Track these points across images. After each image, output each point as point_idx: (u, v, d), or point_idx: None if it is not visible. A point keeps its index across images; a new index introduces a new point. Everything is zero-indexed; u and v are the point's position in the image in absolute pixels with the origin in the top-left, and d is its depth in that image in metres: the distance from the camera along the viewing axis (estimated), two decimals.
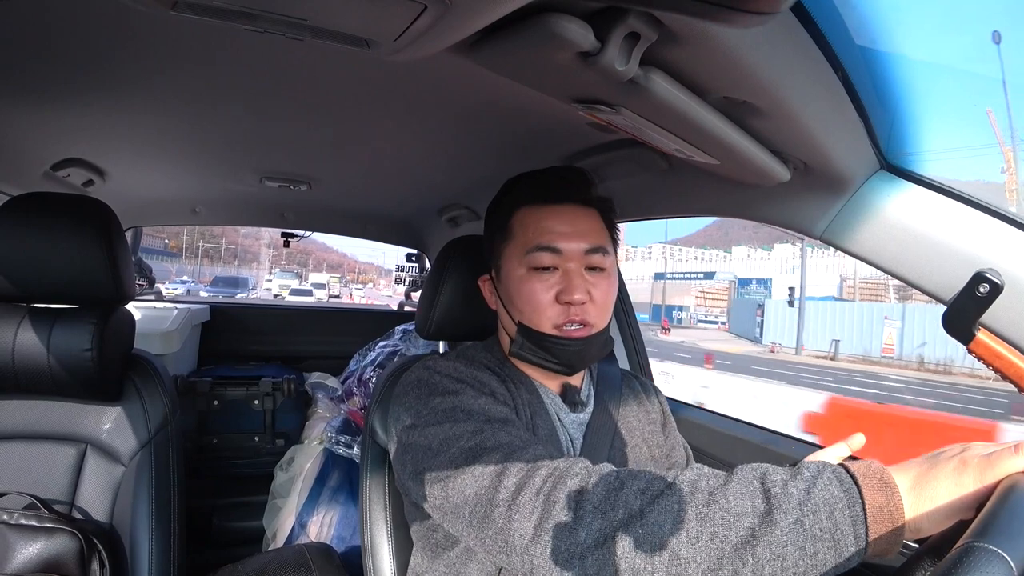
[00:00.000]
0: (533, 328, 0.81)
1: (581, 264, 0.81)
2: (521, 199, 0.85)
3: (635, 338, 1.65)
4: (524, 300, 0.81)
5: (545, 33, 0.50)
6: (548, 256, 0.80)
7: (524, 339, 0.82)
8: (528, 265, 0.81)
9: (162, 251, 62.23)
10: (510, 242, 0.84)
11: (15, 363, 0.95)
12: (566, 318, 0.79)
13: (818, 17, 0.57)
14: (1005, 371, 0.69)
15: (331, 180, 1.61)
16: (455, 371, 0.80)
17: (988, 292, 0.68)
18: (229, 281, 26.81)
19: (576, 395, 0.88)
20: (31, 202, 0.97)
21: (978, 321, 0.70)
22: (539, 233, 0.81)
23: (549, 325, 0.80)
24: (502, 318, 0.88)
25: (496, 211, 0.89)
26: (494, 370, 0.85)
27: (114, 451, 1.03)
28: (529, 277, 0.81)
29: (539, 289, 0.80)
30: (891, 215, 0.77)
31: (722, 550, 0.51)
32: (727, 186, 0.94)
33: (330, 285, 41.40)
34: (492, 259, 0.88)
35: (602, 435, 0.87)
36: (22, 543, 0.87)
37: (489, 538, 0.62)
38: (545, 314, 0.80)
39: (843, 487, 0.51)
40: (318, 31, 0.53)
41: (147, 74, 0.88)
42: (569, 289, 0.79)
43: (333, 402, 2.23)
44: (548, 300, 0.80)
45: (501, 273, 0.86)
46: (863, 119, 0.72)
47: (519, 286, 0.82)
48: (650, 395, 1.00)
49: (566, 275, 0.80)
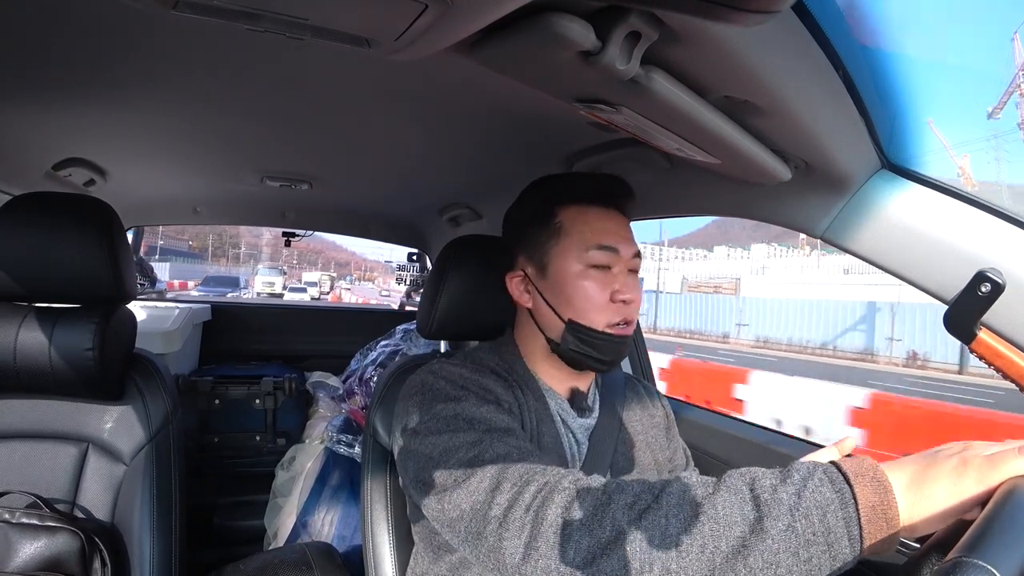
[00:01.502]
0: (585, 325, 0.81)
1: (627, 267, 0.84)
2: (569, 197, 0.86)
3: (637, 341, 1.65)
4: (581, 297, 0.82)
5: (546, 32, 0.50)
6: (607, 255, 0.82)
7: (573, 335, 0.82)
8: (587, 263, 0.82)
9: (186, 252, 63.04)
10: (563, 239, 0.84)
11: (17, 362, 0.95)
12: (620, 317, 0.82)
13: (819, 16, 0.57)
14: (1007, 370, 0.69)
15: (332, 180, 1.61)
16: (460, 377, 0.79)
17: (990, 291, 0.67)
18: (220, 280, 26.86)
19: (584, 400, 0.88)
20: (33, 202, 0.97)
21: (980, 320, 0.70)
22: (600, 233, 0.82)
23: (603, 323, 0.81)
24: (541, 316, 0.86)
25: (534, 207, 0.88)
26: (501, 374, 0.85)
27: (116, 450, 1.03)
28: (587, 275, 0.82)
29: (597, 287, 0.81)
30: (892, 214, 0.77)
31: (713, 562, 0.50)
32: (728, 185, 0.94)
33: (321, 283, 40.35)
34: (532, 255, 0.87)
35: (607, 440, 0.87)
36: (24, 542, 0.87)
37: (483, 554, 0.62)
38: (601, 312, 0.81)
39: (835, 487, 0.50)
40: (319, 31, 0.53)
41: (148, 74, 0.88)
42: (625, 289, 0.81)
43: (334, 401, 2.23)
44: (604, 299, 0.81)
45: (548, 270, 0.85)
46: (864, 118, 0.72)
47: (576, 283, 0.82)
48: (653, 399, 1.00)
49: (619, 276, 0.82)
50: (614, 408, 0.92)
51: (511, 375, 0.85)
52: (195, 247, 70.03)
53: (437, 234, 2.23)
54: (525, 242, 0.88)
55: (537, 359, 0.88)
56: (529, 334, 0.89)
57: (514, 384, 0.84)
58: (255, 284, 30.23)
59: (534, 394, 0.85)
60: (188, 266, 49.68)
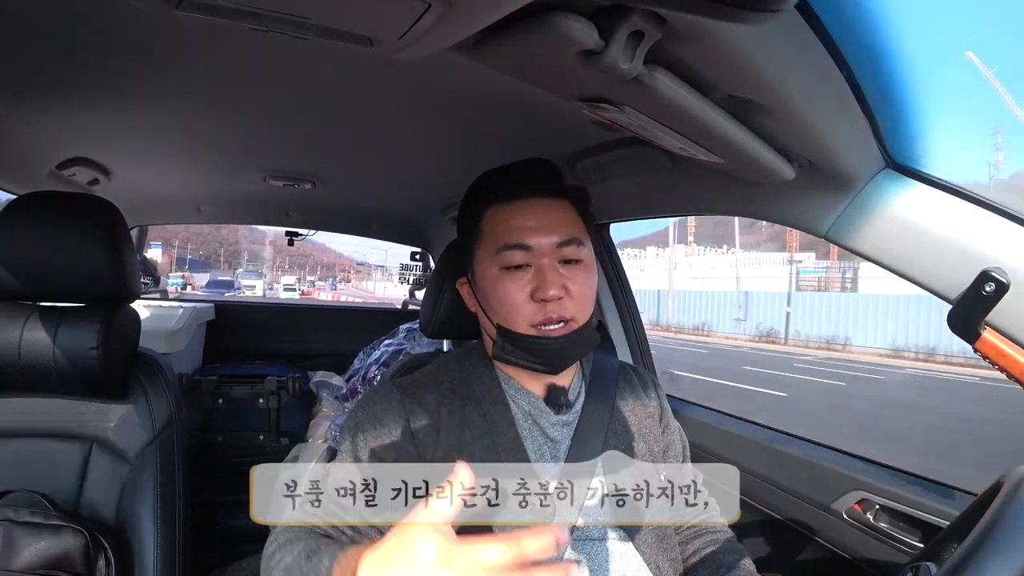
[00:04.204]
0: (511, 330, 0.79)
1: (554, 259, 0.79)
2: (490, 198, 0.83)
3: (637, 330, 1.64)
4: (499, 301, 0.79)
5: (549, 32, 0.50)
6: (519, 254, 0.78)
7: (504, 341, 0.80)
8: (500, 265, 0.79)
9: (201, 261, 67.13)
10: (481, 243, 0.82)
11: (21, 361, 0.96)
12: (544, 316, 0.77)
13: (823, 14, 0.56)
14: (1011, 370, 0.69)
15: (335, 179, 1.61)
16: (363, 412, 0.82)
17: (994, 291, 0.67)
18: (221, 283, 29.17)
19: (562, 396, 0.85)
20: (37, 201, 0.97)
21: (984, 320, 0.69)
22: (508, 231, 0.79)
23: (526, 325, 0.78)
24: (482, 321, 0.86)
25: (466, 212, 0.87)
26: (452, 387, 0.84)
27: (120, 449, 1.03)
28: (502, 277, 0.79)
29: (512, 289, 0.78)
30: (896, 213, 0.77)
31: None
32: (732, 184, 0.94)
33: (297, 286, 42.47)
34: (466, 262, 0.87)
35: (593, 432, 0.85)
36: (28, 540, 0.87)
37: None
38: (521, 314, 0.78)
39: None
40: (322, 30, 0.53)
41: (152, 74, 0.88)
42: (543, 286, 0.77)
43: (337, 400, 2.23)
44: (523, 299, 0.78)
45: (475, 275, 0.84)
46: (868, 117, 0.72)
47: (493, 287, 0.80)
48: (648, 388, 0.97)
49: (539, 272, 0.78)
50: (604, 398, 0.89)
51: (465, 385, 0.84)
52: (204, 256, 73.41)
53: (439, 233, 2.23)
54: (463, 249, 0.88)
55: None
56: (485, 338, 0.88)
57: (461, 394, 0.83)
58: (241, 287, 31.48)
59: (492, 399, 0.83)
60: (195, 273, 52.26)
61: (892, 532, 1.00)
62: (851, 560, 1.07)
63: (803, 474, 1.16)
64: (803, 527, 1.16)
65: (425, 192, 1.75)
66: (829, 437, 1.25)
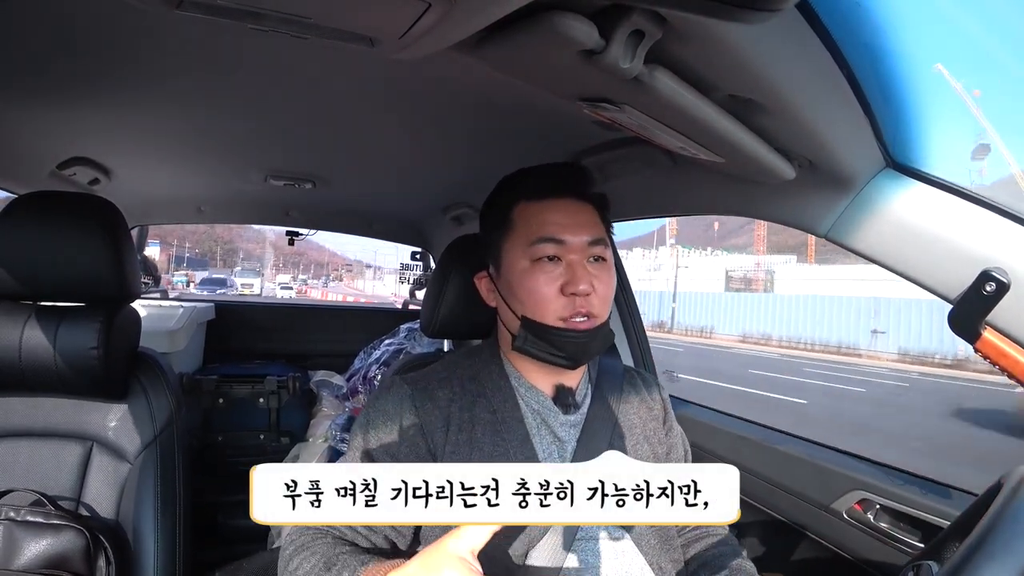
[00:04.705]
0: (538, 321, 0.80)
1: (584, 255, 0.81)
2: (521, 194, 0.85)
3: (638, 332, 1.64)
4: (528, 292, 0.80)
5: (549, 31, 0.50)
6: (552, 247, 0.80)
7: (528, 333, 0.81)
8: (531, 257, 0.80)
9: (198, 259, 67.44)
10: (511, 235, 0.84)
11: (21, 361, 0.96)
12: (572, 310, 0.78)
13: (823, 14, 0.56)
14: (1011, 370, 0.69)
15: (336, 179, 1.61)
16: (373, 409, 0.83)
17: (994, 291, 0.67)
18: (216, 281, 28.88)
19: (570, 396, 0.86)
20: (37, 201, 0.97)
21: (984, 320, 0.69)
22: (542, 225, 0.81)
23: (554, 317, 0.79)
24: (503, 314, 0.87)
25: (494, 207, 0.89)
26: (463, 383, 0.85)
27: (120, 449, 1.03)
28: (533, 269, 0.80)
29: (543, 281, 0.79)
30: (896, 213, 0.77)
31: None
32: (732, 184, 0.94)
33: (290, 285, 43.28)
34: (490, 254, 0.88)
35: (599, 433, 0.86)
36: (29, 540, 0.87)
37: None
38: (551, 306, 0.79)
39: None
40: (323, 30, 0.53)
41: (153, 73, 0.89)
42: (575, 280, 0.78)
43: (338, 400, 2.23)
44: (553, 292, 0.79)
45: (502, 267, 0.85)
46: (868, 117, 0.72)
47: (522, 279, 0.81)
48: (652, 390, 0.98)
49: (570, 267, 0.79)
50: (609, 401, 0.91)
51: (475, 382, 0.85)
52: (199, 253, 74.04)
53: (440, 233, 2.23)
54: (487, 242, 0.89)
55: (516, 357, 0.87)
56: (503, 333, 0.89)
57: (472, 390, 0.84)
58: (235, 284, 31.40)
59: (502, 397, 0.84)
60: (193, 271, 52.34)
61: (892, 532, 1.00)
62: (851, 560, 1.07)
63: (803, 474, 1.16)
64: (803, 527, 1.16)
65: (425, 192, 1.75)
66: None
